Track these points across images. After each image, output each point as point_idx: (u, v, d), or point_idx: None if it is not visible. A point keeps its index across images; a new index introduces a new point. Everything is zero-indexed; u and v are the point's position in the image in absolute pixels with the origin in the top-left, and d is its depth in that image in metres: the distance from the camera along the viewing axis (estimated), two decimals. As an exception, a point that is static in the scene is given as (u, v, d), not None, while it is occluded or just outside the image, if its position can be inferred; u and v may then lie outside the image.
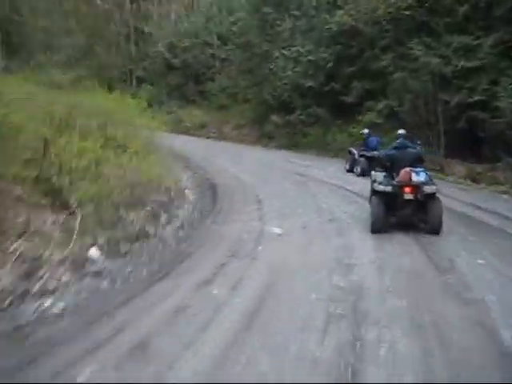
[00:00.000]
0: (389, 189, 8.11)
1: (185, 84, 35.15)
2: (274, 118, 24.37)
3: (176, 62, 35.49)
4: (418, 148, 9.00)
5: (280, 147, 23.75)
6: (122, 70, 38.15)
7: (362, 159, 15.12)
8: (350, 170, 15.79)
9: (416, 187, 7.97)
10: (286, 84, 22.85)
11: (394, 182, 8.20)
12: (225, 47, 33.05)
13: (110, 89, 18.05)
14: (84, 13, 36.98)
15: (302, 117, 22.72)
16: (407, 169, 8.09)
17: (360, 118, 19.83)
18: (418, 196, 7.95)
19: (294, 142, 23.45)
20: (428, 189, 7.95)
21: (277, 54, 23.06)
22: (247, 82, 29.00)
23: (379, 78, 19.33)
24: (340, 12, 20.07)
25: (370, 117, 19.36)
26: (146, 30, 37.73)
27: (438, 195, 8.16)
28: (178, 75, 35.36)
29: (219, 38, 34.25)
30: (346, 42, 20.73)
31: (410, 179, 8.02)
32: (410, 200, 8.01)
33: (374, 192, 8.43)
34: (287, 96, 23.16)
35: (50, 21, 33.07)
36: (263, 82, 26.26)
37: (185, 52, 35.01)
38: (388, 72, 18.61)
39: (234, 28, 31.35)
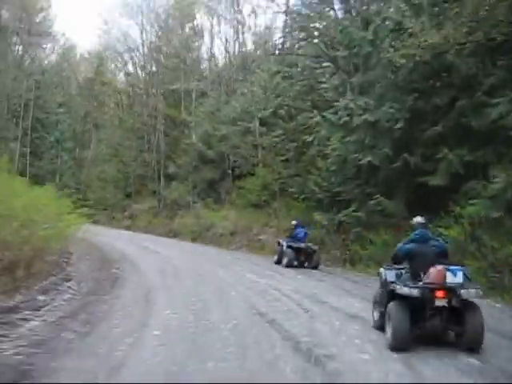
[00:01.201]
0: (416, 292, 6.05)
1: (221, 179, 28.07)
2: (319, 216, 16.09)
3: (211, 153, 28.80)
4: (441, 241, 7.07)
5: (333, 263, 15.64)
6: (151, 166, 32.13)
7: (289, 250, 15.02)
8: (278, 262, 15.43)
9: (451, 291, 6.07)
10: (332, 163, 14.84)
11: (421, 284, 6.19)
12: (270, 133, 25.91)
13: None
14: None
15: (358, 214, 14.31)
16: (440, 267, 6.25)
17: (456, 210, 11.15)
18: (453, 302, 6.11)
19: (348, 256, 14.97)
20: (466, 293, 6.07)
21: (317, 118, 15.25)
22: (289, 171, 21.38)
23: (489, 140, 10.94)
24: (411, 40, 12.11)
25: (475, 208, 10.73)
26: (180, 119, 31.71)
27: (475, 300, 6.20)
28: (211, 169, 28.50)
29: (262, 123, 27.27)
30: (424, 86, 12.62)
31: (444, 280, 6.12)
32: (441, 307, 6.13)
33: (391, 296, 6.50)
34: (333, 182, 15.07)
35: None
36: (308, 167, 18.59)
37: (221, 142, 28.34)
38: (505, 126, 10.26)
39: (282, 111, 24.43)
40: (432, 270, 6.31)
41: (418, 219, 7.18)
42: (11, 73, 40.55)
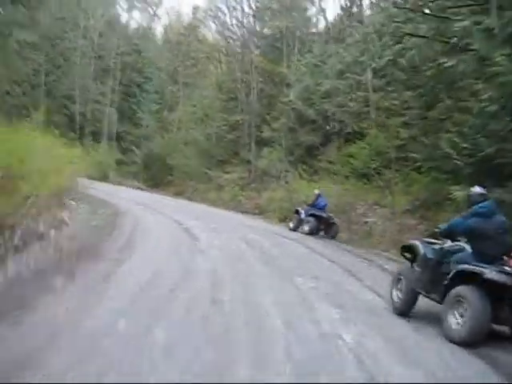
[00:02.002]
0: (507, 280, 5.21)
1: (322, 144, 22.76)
2: (459, 193, 10.47)
3: (311, 113, 23.54)
4: (502, 216, 5.94)
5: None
6: (243, 130, 27.57)
7: (312, 218, 15.23)
8: (295, 229, 15.72)
9: None
10: (489, 102, 9.20)
11: (510, 270, 5.32)
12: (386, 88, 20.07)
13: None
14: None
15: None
16: None
17: None
18: None
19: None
20: None
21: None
22: (411, 132, 15.62)
23: None
24: None
25: None
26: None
27: None
28: (311, 132, 23.29)
29: (377, 76, 21.41)
30: None
31: None
32: None
33: (459, 278, 5.49)
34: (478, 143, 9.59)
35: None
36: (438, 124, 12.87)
37: (324, 99, 22.98)
38: None
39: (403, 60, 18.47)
40: None
41: (478, 190, 5.97)
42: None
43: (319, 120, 23.08)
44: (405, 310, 6.14)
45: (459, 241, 6.04)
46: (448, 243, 6.04)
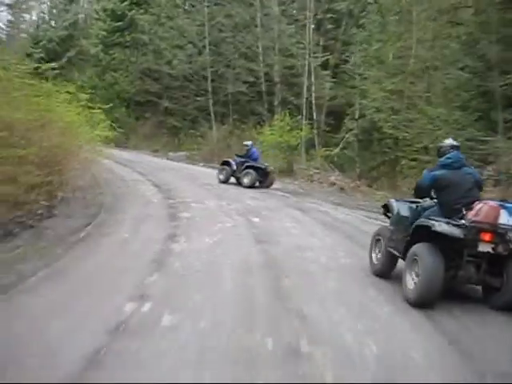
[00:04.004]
0: (458, 232, 4.79)
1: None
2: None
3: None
4: (473, 169, 5.77)
5: None
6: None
7: (251, 170, 15.40)
8: (225, 181, 15.77)
9: (500, 235, 4.78)
10: None
11: (468, 222, 4.82)
12: None
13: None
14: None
15: None
16: (492, 202, 4.98)
17: None
18: (500, 249, 4.79)
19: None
20: None
21: None
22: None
23: None
24: None
25: None
26: None
27: None
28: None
29: None
30: None
31: (496, 221, 4.80)
32: (483, 253, 4.86)
33: (417, 235, 5.15)
34: None
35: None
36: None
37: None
38: None
39: None
40: (482, 205, 4.97)
41: (450, 141, 5.74)
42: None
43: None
44: (384, 272, 5.84)
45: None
46: (427, 201, 5.67)
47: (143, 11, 28.47)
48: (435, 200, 5.45)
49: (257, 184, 15.35)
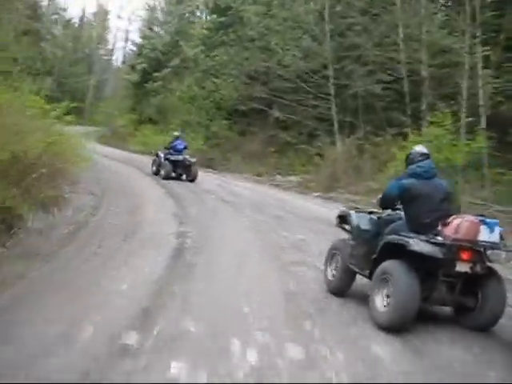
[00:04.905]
0: (437, 252, 4.38)
1: None
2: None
3: None
4: (444, 180, 5.35)
5: None
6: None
7: (167, 162, 15.40)
8: (156, 174, 16.02)
9: (479, 253, 4.50)
10: None
11: (441, 240, 4.48)
12: None
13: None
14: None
15: None
16: (472, 218, 4.60)
17: None
18: (477, 268, 4.51)
19: None
20: (497, 257, 4.54)
21: None
22: None
23: None
24: None
25: None
26: None
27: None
28: None
29: None
30: None
31: (476, 237, 4.47)
32: (459, 273, 4.55)
33: (387, 251, 4.74)
34: None
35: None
36: None
37: None
38: None
39: None
40: (461, 220, 4.48)
41: (421, 148, 5.21)
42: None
43: None
44: (340, 289, 5.37)
45: (400, 209, 5.13)
46: (388, 212, 5.24)
47: (251, 1, 23.12)
48: (398, 211, 5.12)
49: (182, 177, 15.60)
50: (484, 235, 4.48)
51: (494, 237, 4.52)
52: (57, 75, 53.06)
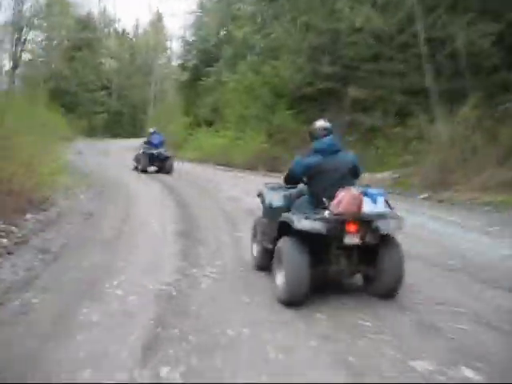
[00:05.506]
0: (320, 227, 4.41)
1: None
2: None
3: None
4: (351, 154, 5.18)
5: None
6: None
7: (143, 156, 16.08)
8: (136, 168, 16.70)
9: (366, 224, 4.50)
10: None
11: (327, 215, 4.48)
12: None
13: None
14: None
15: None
16: (354, 190, 4.53)
17: None
18: (368, 238, 4.54)
19: None
20: (385, 227, 4.55)
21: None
22: None
23: None
24: None
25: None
26: None
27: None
28: None
29: None
30: None
31: (359, 209, 4.47)
32: (351, 246, 4.60)
33: (283, 228, 4.78)
34: None
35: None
36: None
37: None
38: None
39: None
40: (343, 194, 4.47)
41: (322, 123, 5.14)
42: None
43: None
44: (263, 266, 5.46)
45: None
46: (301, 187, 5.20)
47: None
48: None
49: (152, 169, 16.41)
50: (367, 206, 4.50)
51: (378, 207, 4.58)
52: (116, 88, 51.13)
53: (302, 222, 4.39)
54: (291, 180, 5.10)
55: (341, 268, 4.66)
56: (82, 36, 46.45)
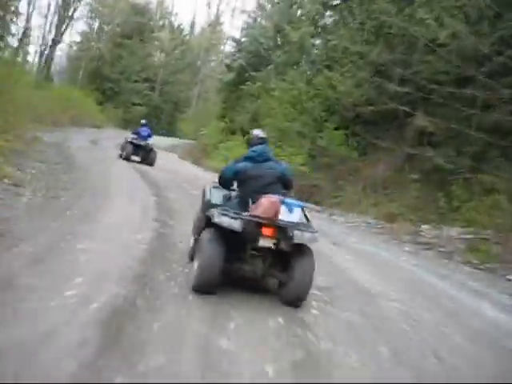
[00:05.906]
0: (236, 225, 4.67)
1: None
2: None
3: None
4: (284, 165, 5.53)
5: None
6: None
7: (129, 145, 16.69)
8: (121, 156, 16.96)
9: (281, 230, 4.74)
10: None
11: (246, 215, 4.77)
12: None
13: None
14: None
15: None
16: (273, 197, 4.82)
17: None
18: (282, 245, 4.77)
19: None
20: (300, 237, 4.74)
21: None
22: None
23: None
24: None
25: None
26: None
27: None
28: None
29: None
30: None
31: (276, 216, 4.75)
32: (266, 248, 4.83)
33: (208, 222, 4.99)
34: None
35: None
36: None
37: None
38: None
39: None
40: (264, 200, 4.82)
41: (258, 132, 5.61)
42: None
43: None
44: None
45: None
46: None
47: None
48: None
49: (136, 158, 16.79)
50: (284, 214, 4.70)
51: (293, 217, 4.75)
52: (160, 83, 49.10)
53: (220, 218, 4.66)
54: (223, 183, 5.43)
55: (254, 269, 4.91)
56: (135, 21, 44.61)
